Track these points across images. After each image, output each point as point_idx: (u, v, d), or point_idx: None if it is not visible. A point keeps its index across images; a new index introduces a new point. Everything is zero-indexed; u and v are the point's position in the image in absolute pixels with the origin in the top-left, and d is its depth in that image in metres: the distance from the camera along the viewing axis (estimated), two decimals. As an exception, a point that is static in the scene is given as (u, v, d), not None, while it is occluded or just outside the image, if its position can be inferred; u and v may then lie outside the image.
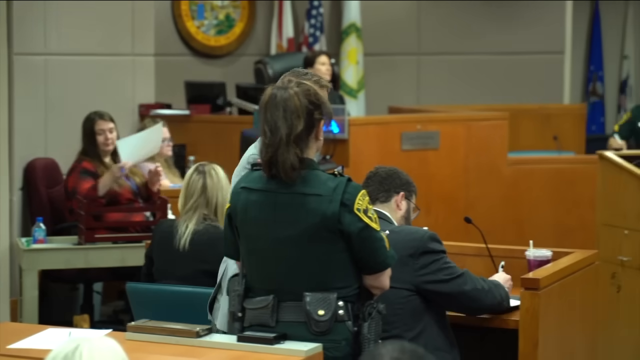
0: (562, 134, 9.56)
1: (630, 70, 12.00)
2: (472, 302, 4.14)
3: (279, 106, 3.42)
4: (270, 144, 3.42)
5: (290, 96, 3.42)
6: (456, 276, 4.12)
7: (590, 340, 4.89)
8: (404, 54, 10.36)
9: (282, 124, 3.40)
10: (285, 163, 3.40)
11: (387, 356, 2.14)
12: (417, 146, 7.63)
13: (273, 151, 3.41)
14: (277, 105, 3.42)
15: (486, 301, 4.16)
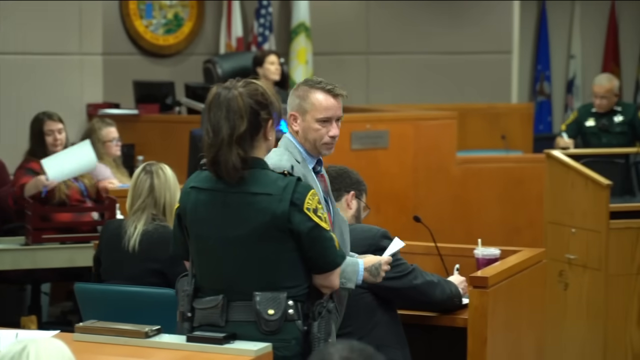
0: (510, 133, 9.63)
1: (576, 69, 12.11)
2: (423, 296, 4.18)
3: (222, 106, 3.41)
4: (212, 144, 3.41)
5: (234, 96, 3.41)
6: (407, 272, 4.16)
7: (538, 337, 4.93)
8: (353, 54, 10.38)
9: (224, 124, 3.40)
10: (227, 163, 3.39)
11: (336, 355, 2.14)
12: (366, 145, 7.64)
13: (215, 151, 3.41)
14: (220, 105, 3.42)
15: (437, 294, 4.20)
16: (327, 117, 3.81)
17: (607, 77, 8.50)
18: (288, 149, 3.81)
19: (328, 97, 3.82)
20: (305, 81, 3.90)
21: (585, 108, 8.57)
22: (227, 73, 8.31)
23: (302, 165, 3.78)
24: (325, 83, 3.84)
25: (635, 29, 12.06)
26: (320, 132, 3.82)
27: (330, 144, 3.85)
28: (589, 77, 10.88)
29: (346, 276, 3.67)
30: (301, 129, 3.83)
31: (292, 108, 3.86)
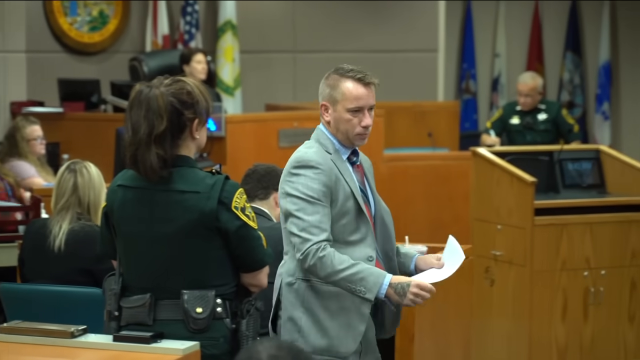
0: (437, 131, 9.70)
1: (501, 68, 12.24)
2: None
3: (142, 105, 3.40)
4: (132, 142, 3.40)
5: (154, 95, 3.39)
6: None
7: (464, 332, 4.97)
8: (280, 52, 10.38)
9: (143, 123, 3.38)
10: (145, 162, 3.38)
11: (264, 353, 2.14)
12: (294, 143, 7.59)
13: (134, 150, 3.39)
14: (140, 104, 3.40)
15: None
16: (359, 106, 3.69)
17: (531, 76, 8.60)
18: (319, 140, 3.71)
19: (359, 86, 3.70)
20: (335, 69, 3.75)
21: (510, 106, 8.67)
22: (154, 71, 8.26)
23: (335, 156, 3.67)
24: (356, 71, 3.71)
25: (559, 28, 12.22)
26: (352, 123, 3.68)
27: (363, 134, 3.71)
28: (513, 76, 11.00)
29: (366, 285, 3.49)
30: (333, 120, 3.71)
31: (322, 98, 3.73)
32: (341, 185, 3.62)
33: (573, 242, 6.05)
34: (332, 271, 3.49)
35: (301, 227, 3.53)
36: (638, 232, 6.14)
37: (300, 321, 3.62)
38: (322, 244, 3.50)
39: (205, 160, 6.99)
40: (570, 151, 6.71)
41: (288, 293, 3.65)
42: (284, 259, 3.70)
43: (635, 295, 6.17)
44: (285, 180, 3.63)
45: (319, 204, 3.55)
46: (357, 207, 3.64)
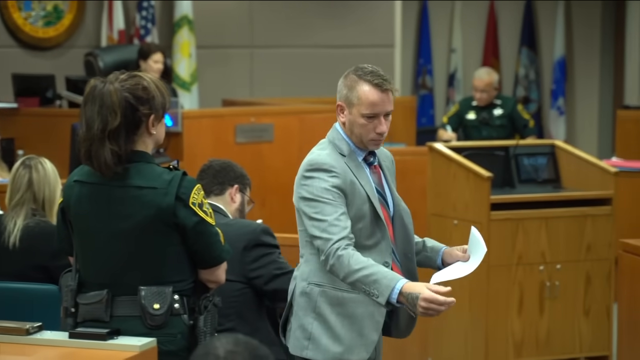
0: (393, 126, 9.59)
1: (458, 63, 12.29)
2: None
3: (95, 100, 3.39)
4: (86, 138, 3.39)
5: (108, 91, 3.38)
6: (288, 271, 4.15)
7: (422, 327, 4.98)
8: (237, 47, 10.35)
9: (96, 119, 3.37)
10: (99, 158, 3.37)
11: (221, 349, 2.14)
12: (251, 139, 7.64)
13: (88, 146, 3.38)
14: (94, 100, 3.39)
15: None
16: (374, 113, 3.54)
17: (486, 71, 8.65)
18: (334, 141, 3.61)
19: (376, 92, 3.54)
20: (355, 69, 3.62)
21: (466, 101, 8.72)
22: (109, 66, 8.21)
23: (349, 158, 3.57)
24: (375, 75, 3.56)
25: (515, 23, 12.30)
26: (367, 128, 3.55)
27: (377, 140, 3.59)
28: (469, 71, 11.05)
29: (379, 288, 3.33)
30: (348, 122, 3.59)
31: (339, 97, 3.63)
32: (356, 189, 3.53)
33: (529, 236, 6.09)
34: (349, 271, 3.38)
35: (321, 228, 3.44)
36: (593, 226, 6.20)
37: (311, 327, 3.55)
38: (342, 243, 3.40)
39: (162, 156, 6.97)
40: (526, 146, 6.75)
41: (300, 297, 3.58)
42: (299, 262, 3.62)
43: (590, 289, 6.22)
44: (299, 184, 3.54)
45: (336, 203, 3.46)
46: (373, 211, 3.55)
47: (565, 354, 6.21)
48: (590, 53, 12.17)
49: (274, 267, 4.13)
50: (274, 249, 4.19)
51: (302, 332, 3.56)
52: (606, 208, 6.23)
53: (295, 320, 3.59)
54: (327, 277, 3.51)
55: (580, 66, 12.25)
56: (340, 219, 3.44)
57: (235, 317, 4.04)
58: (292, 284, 3.63)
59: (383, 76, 3.57)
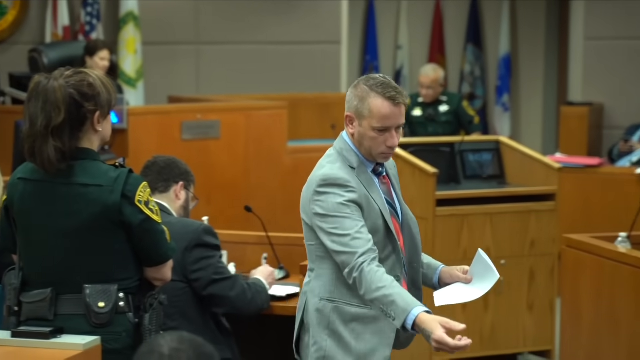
0: (340, 123, 9.64)
1: (404, 60, 12.33)
2: (231, 309, 4.16)
3: (39, 97, 3.37)
4: (29, 134, 3.37)
5: (52, 87, 3.36)
6: (226, 278, 4.14)
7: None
8: (183, 44, 10.32)
9: (40, 115, 3.35)
10: (42, 155, 3.35)
11: (165, 347, 2.13)
12: (197, 136, 7.61)
13: (32, 142, 3.36)
14: (38, 96, 3.37)
15: (245, 311, 4.20)
16: (386, 126, 3.44)
17: (432, 68, 8.69)
18: (343, 153, 3.51)
19: (389, 105, 3.43)
20: (367, 79, 3.50)
21: (412, 98, 8.75)
22: (54, 62, 8.14)
23: (359, 171, 3.48)
24: (387, 87, 3.44)
25: (460, 20, 12.36)
26: (377, 141, 3.46)
27: (387, 154, 3.49)
28: (415, 68, 11.10)
29: (396, 311, 3.24)
30: (357, 134, 3.49)
31: (349, 108, 3.52)
32: (370, 203, 3.45)
33: (474, 232, 6.14)
34: (369, 289, 3.29)
35: (344, 243, 3.36)
36: (537, 222, 6.25)
37: (326, 344, 3.48)
38: (368, 257, 3.32)
39: (107, 153, 6.92)
40: (471, 142, 6.80)
41: (312, 314, 3.50)
42: (309, 276, 3.54)
43: (534, 285, 6.28)
44: (314, 201, 3.45)
45: (354, 216, 3.38)
46: (385, 225, 3.47)
47: (509, 349, 6.27)
48: (535, 50, 12.28)
49: (213, 272, 4.12)
50: (215, 250, 4.18)
51: (316, 350, 3.48)
52: (550, 204, 6.29)
53: (309, 337, 3.51)
54: (339, 293, 3.46)
55: (525, 63, 12.35)
56: (362, 232, 3.36)
57: (178, 317, 4.03)
58: (302, 299, 3.54)
59: (396, 88, 3.45)
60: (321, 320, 3.47)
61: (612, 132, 9.97)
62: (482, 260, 3.49)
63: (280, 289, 4.48)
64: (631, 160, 8.60)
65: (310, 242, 3.51)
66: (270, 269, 4.49)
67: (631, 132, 9.46)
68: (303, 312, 3.54)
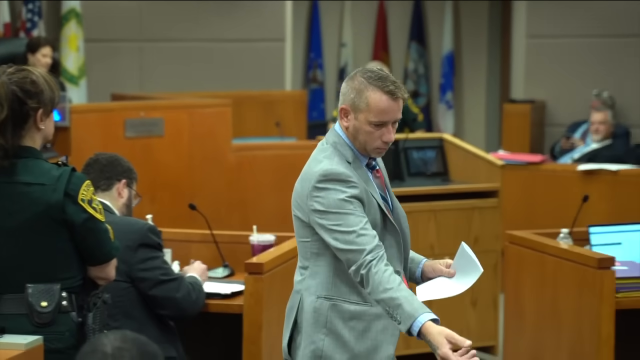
0: (284, 120, 9.74)
1: (348, 57, 12.35)
2: (176, 310, 4.14)
3: (-19, 94, 3.33)
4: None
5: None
6: (172, 279, 4.12)
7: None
8: (126, 41, 10.26)
9: None
10: (-16, 152, 3.31)
11: (109, 345, 2.12)
12: (141, 133, 7.57)
13: (-26, 139, 3.33)
14: (-21, 93, 3.33)
15: (189, 311, 4.18)
16: (383, 121, 3.33)
17: (376, 66, 8.72)
18: (337, 148, 3.39)
19: (387, 99, 3.32)
20: (364, 72, 3.37)
21: (357, 95, 8.76)
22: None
23: (354, 165, 3.37)
24: (387, 80, 3.33)
25: (404, 18, 12.41)
26: (373, 136, 3.35)
27: (382, 149, 3.39)
28: (360, 65, 11.09)
29: (402, 315, 3.14)
30: (352, 127, 3.36)
31: (344, 101, 3.37)
32: (369, 198, 3.35)
33: (418, 229, 6.16)
34: (376, 289, 3.19)
35: (349, 240, 3.25)
36: (480, 218, 6.30)
37: (322, 344, 3.35)
38: (376, 253, 3.22)
39: (49, 151, 6.86)
40: (415, 140, 6.82)
41: (308, 314, 3.38)
42: (303, 274, 3.43)
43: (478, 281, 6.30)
44: (312, 197, 3.34)
45: (357, 212, 3.27)
46: (382, 219, 3.38)
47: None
48: (478, 48, 12.36)
49: (160, 273, 4.10)
50: (159, 250, 4.16)
51: (312, 350, 3.35)
52: (493, 200, 6.34)
53: (304, 337, 3.38)
54: (337, 290, 3.35)
55: (468, 61, 12.43)
56: (367, 228, 3.26)
57: (121, 317, 4.01)
58: (295, 298, 3.44)
59: (395, 82, 3.34)
60: (318, 319, 3.36)
61: (554, 130, 10.08)
62: (465, 254, 3.43)
63: (225, 287, 4.47)
64: (573, 157, 8.69)
65: (305, 239, 3.41)
66: (203, 266, 4.48)
67: (573, 129, 9.57)
68: (297, 312, 3.42)
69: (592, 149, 8.63)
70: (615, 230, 5.20)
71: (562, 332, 4.77)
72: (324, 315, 3.36)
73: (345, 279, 3.33)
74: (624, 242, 5.17)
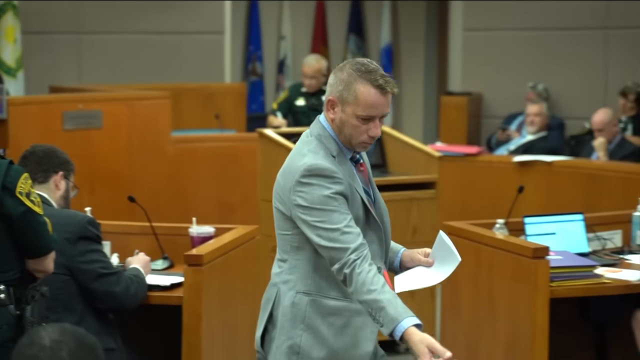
0: (224, 113, 9.72)
1: (287, 50, 12.36)
2: (115, 304, 4.11)
3: None
4: None
5: None
6: (111, 273, 4.10)
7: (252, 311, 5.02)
8: (64, 33, 10.16)
9: None
10: None
11: (46, 338, 2.11)
12: (79, 125, 7.51)
13: None
14: None
15: (128, 305, 4.15)
16: (371, 115, 3.23)
17: (315, 58, 8.74)
18: (322, 141, 3.28)
19: (376, 93, 3.21)
20: (354, 63, 3.26)
21: (296, 87, 8.78)
22: None
23: (339, 159, 3.26)
24: (376, 73, 3.22)
25: (342, 11, 12.44)
26: (359, 130, 3.24)
27: (367, 143, 3.28)
28: (299, 58, 11.13)
29: (385, 318, 3.06)
30: (338, 119, 3.26)
31: (331, 92, 3.27)
32: (354, 194, 3.26)
33: (357, 220, 6.18)
34: (358, 290, 3.11)
35: (333, 238, 3.15)
36: (418, 209, 6.34)
37: (300, 340, 3.25)
38: (360, 252, 3.13)
39: (-14, 144, 6.79)
40: (354, 132, 6.83)
41: (286, 308, 3.28)
42: (281, 267, 3.33)
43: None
44: (296, 191, 3.22)
45: (342, 209, 3.18)
46: (365, 214, 3.29)
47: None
48: (416, 41, 12.43)
49: (99, 266, 4.07)
50: (98, 243, 4.14)
51: (289, 346, 3.26)
52: (431, 192, 6.38)
53: (280, 332, 3.29)
54: (316, 286, 3.26)
55: (406, 53, 12.49)
56: (351, 225, 3.17)
57: (61, 310, 3.98)
58: (272, 291, 3.34)
59: (385, 76, 3.23)
60: (296, 315, 3.26)
61: (490, 121, 10.17)
62: (443, 243, 3.34)
63: (164, 279, 4.46)
64: (509, 148, 8.78)
65: (285, 232, 3.30)
66: (147, 258, 4.45)
67: (508, 121, 9.66)
68: (273, 305, 3.32)
69: (527, 141, 8.73)
70: (549, 221, 5.27)
71: (498, 320, 4.82)
72: (302, 310, 3.26)
73: (324, 274, 3.25)
74: (558, 232, 5.24)
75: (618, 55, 9.74)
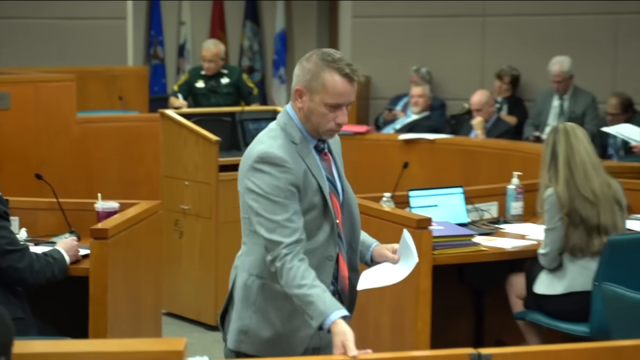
0: (127, 95, 9.62)
1: (187, 35, 12.28)
2: (18, 280, 4.02)
3: None
4: None
5: None
6: (16, 249, 4.02)
7: (155, 281, 5.01)
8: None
9: None
10: None
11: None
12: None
13: None
14: None
15: (31, 281, 4.06)
16: (339, 103, 3.13)
17: (214, 43, 8.70)
18: (285, 128, 3.18)
19: (343, 82, 3.13)
20: (321, 53, 3.18)
21: (195, 70, 8.74)
22: None
23: (301, 146, 3.16)
24: (343, 62, 3.14)
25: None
26: (327, 118, 3.14)
27: (334, 131, 3.18)
28: (198, 42, 11.06)
29: (314, 312, 2.99)
30: (305, 108, 3.16)
31: (298, 82, 3.18)
32: (308, 180, 3.14)
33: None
34: (290, 283, 3.03)
35: (270, 229, 3.07)
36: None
37: (250, 321, 3.21)
38: (293, 248, 3.05)
39: None
40: (251, 112, 6.87)
41: (240, 290, 3.23)
42: (242, 250, 3.28)
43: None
44: (246, 174, 3.14)
45: (286, 202, 3.08)
46: (323, 202, 3.17)
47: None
48: (308, 27, 12.45)
49: (5, 242, 4.00)
50: (5, 220, 4.06)
51: (240, 326, 3.23)
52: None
53: (234, 312, 3.26)
54: (268, 271, 3.15)
55: (299, 39, 12.51)
56: (292, 220, 3.08)
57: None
58: (233, 273, 3.30)
59: (350, 65, 3.15)
60: (249, 297, 3.21)
61: (377, 102, 10.25)
62: (404, 242, 3.27)
63: (72, 252, 4.41)
64: (395, 127, 8.88)
65: (245, 216, 3.22)
66: (73, 243, 4.36)
67: (394, 102, 9.76)
68: (232, 286, 3.29)
69: (412, 120, 8.83)
70: (432, 194, 5.36)
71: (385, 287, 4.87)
72: (254, 293, 3.21)
73: None
74: (440, 204, 5.33)
75: (494, 40, 9.90)
